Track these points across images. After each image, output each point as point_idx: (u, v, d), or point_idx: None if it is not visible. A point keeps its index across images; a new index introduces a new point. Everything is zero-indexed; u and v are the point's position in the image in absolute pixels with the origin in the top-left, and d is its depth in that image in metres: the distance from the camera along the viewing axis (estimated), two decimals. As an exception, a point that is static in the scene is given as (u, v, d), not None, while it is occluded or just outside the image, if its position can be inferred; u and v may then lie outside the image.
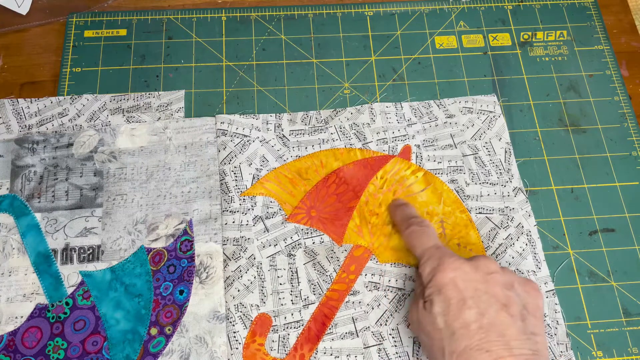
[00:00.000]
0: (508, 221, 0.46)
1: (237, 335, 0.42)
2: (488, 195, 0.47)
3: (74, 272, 0.43)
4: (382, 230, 0.46)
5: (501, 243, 0.46)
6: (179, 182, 0.46)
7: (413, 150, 0.49)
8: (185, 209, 0.45)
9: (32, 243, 0.44)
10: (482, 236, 0.46)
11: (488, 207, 0.47)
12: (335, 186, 0.47)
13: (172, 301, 0.42)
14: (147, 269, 0.43)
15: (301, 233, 0.45)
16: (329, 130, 0.49)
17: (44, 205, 0.45)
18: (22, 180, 0.46)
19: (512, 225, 0.46)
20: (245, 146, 0.48)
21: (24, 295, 0.42)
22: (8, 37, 0.53)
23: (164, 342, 0.41)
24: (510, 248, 0.45)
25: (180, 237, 0.44)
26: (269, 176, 0.47)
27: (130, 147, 0.47)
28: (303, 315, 0.43)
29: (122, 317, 0.42)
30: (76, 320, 0.42)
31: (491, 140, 0.50)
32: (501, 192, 0.48)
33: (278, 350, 0.42)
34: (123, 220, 0.45)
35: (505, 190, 0.48)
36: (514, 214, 0.47)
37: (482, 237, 0.46)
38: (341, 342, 0.42)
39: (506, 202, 0.47)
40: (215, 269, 0.43)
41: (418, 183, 0.48)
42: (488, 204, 0.47)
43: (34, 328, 0.41)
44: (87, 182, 0.46)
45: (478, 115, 0.50)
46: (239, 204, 0.46)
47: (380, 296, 0.44)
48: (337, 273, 0.44)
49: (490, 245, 0.46)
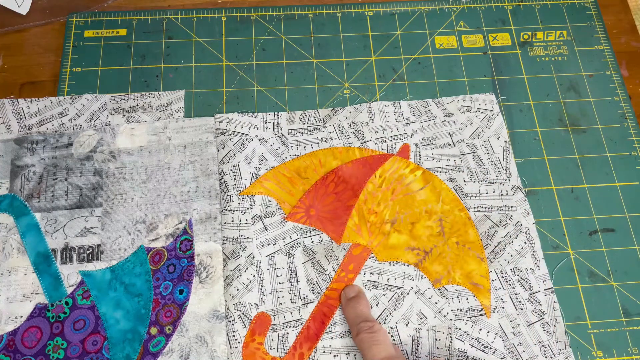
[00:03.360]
0: (507, 219, 0.46)
1: (236, 335, 0.42)
2: (487, 194, 0.47)
3: (74, 272, 0.43)
4: (380, 229, 0.46)
5: (500, 241, 0.46)
6: (179, 181, 0.46)
7: (412, 149, 0.49)
8: (185, 209, 0.45)
9: (32, 243, 0.44)
10: (481, 234, 0.46)
11: (487, 205, 0.47)
12: (334, 185, 0.47)
13: (172, 300, 0.42)
14: (147, 269, 0.43)
15: (300, 232, 0.45)
16: (328, 129, 0.49)
17: (44, 205, 0.45)
18: (22, 180, 0.46)
19: (511, 223, 0.46)
20: (244, 145, 0.48)
21: (23, 295, 0.42)
22: (8, 37, 0.53)
23: (164, 341, 0.41)
24: (509, 246, 0.45)
25: (179, 237, 0.44)
26: (267, 175, 0.47)
27: (130, 147, 0.47)
28: (302, 314, 0.43)
29: (122, 316, 0.42)
30: (76, 320, 0.42)
31: (489, 138, 0.50)
32: (500, 191, 0.48)
33: (277, 349, 0.42)
34: (123, 219, 0.45)
35: (504, 189, 0.48)
36: (512, 212, 0.47)
37: (481, 235, 0.46)
38: (340, 340, 0.42)
39: (505, 200, 0.47)
40: (214, 268, 0.44)
41: (417, 181, 0.48)
42: (487, 202, 0.47)
43: (34, 328, 0.41)
44: (87, 182, 0.46)
45: (476, 113, 0.51)
46: (237, 203, 0.46)
47: (379, 295, 0.44)
48: (336, 272, 0.44)
49: (489, 243, 0.46)
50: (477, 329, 0.43)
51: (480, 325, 0.43)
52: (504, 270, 0.45)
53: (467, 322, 0.43)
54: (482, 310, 0.43)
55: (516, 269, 0.45)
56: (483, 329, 0.43)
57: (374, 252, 0.45)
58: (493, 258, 0.45)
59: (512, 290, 0.44)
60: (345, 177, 0.47)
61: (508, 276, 0.44)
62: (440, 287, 0.44)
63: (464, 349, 0.42)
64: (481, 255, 0.45)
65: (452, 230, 0.46)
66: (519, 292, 0.44)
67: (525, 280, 0.44)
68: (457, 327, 0.43)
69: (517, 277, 0.44)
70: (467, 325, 0.43)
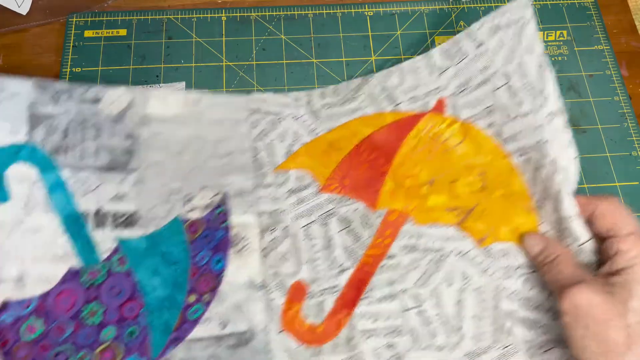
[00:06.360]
0: (543, 158, 0.42)
1: (274, 303, 0.42)
2: (523, 132, 0.43)
3: (109, 238, 0.41)
4: (417, 192, 0.44)
5: (544, 186, 0.41)
6: (214, 155, 0.45)
7: (446, 102, 0.46)
8: (220, 182, 0.45)
9: (59, 201, 0.41)
10: (528, 180, 0.42)
11: (527, 145, 0.43)
12: (367, 153, 0.46)
13: (209, 270, 0.42)
14: (183, 238, 0.42)
15: (335, 202, 0.45)
16: (359, 98, 0.48)
17: (72, 162, 0.42)
18: (44, 131, 0.43)
19: (547, 162, 0.41)
20: (278, 123, 0.48)
21: (53, 257, 0.40)
22: (8, 37, 0.53)
23: (202, 309, 0.41)
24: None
25: (215, 209, 0.44)
26: (301, 150, 0.47)
27: (163, 114, 0.46)
28: (339, 281, 0.42)
29: (159, 284, 0.41)
30: (112, 286, 0.40)
31: (523, 58, 0.44)
32: (534, 122, 0.42)
33: (315, 315, 0.41)
34: (158, 188, 0.44)
35: (538, 118, 0.42)
36: (548, 147, 0.41)
37: (527, 181, 0.42)
38: (378, 305, 0.41)
39: (538, 133, 0.42)
40: (250, 240, 0.43)
41: (454, 135, 0.45)
42: (525, 141, 0.43)
43: (67, 291, 0.40)
44: (119, 145, 0.44)
45: (505, 30, 0.45)
46: (272, 178, 0.46)
47: (418, 258, 0.42)
48: (372, 239, 0.43)
49: (536, 190, 0.42)
50: (528, 288, 0.40)
51: (531, 283, 0.40)
52: (552, 219, 0.41)
53: (517, 280, 0.41)
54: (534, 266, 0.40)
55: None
56: (535, 287, 0.40)
57: (411, 216, 0.44)
58: (542, 205, 0.41)
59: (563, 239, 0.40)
60: (377, 144, 0.46)
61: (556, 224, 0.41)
62: (486, 246, 0.42)
63: (513, 309, 0.40)
64: (529, 205, 0.42)
65: (496, 182, 0.43)
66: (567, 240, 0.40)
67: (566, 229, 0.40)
68: (504, 286, 0.41)
69: (564, 225, 0.40)
70: (517, 283, 0.40)
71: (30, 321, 0.39)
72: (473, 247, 0.42)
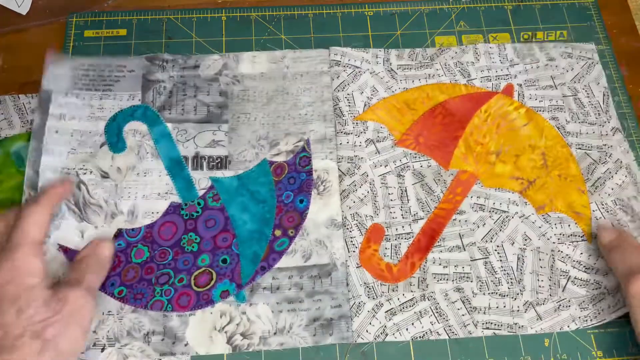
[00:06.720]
0: (606, 157, 0.49)
1: (353, 240, 0.46)
2: (587, 134, 0.50)
3: (204, 177, 0.47)
4: (486, 158, 0.49)
5: (600, 177, 0.48)
6: (297, 105, 0.50)
7: (515, 89, 0.52)
8: (303, 129, 0.49)
9: (165, 149, 0.48)
10: (582, 169, 0.49)
11: (587, 144, 0.50)
12: (441, 117, 0.50)
13: (293, 208, 0.46)
14: (270, 179, 0.47)
15: (409, 157, 0.49)
16: (435, 66, 0.52)
17: (175, 117, 0.49)
18: (154, 93, 0.50)
19: (611, 160, 0.49)
20: (357, 76, 0.52)
21: (158, 194, 0.46)
22: (8, 37, 0.53)
23: (288, 242, 0.45)
24: (609, 181, 0.48)
25: (299, 154, 0.48)
26: (379, 104, 0.51)
27: (252, 73, 0.51)
28: (413, 229, 0.46)
29: (249, 219, 0.46)
30: (207, 219, 0.46)
31: (590, 84, 0.52)
32: (599, 131, 0.50)
33: (391, 256, 0.45)
34: (247, 135, 0.49)
35: (604, 130, 0.50)
36: (612, 151, 0.49)
37: (582, 170, 0.49)
38: (449, 254, 0.46)
39: (604, 140, 0.50)
40: (331, 182, 0.48)
41: (520, 118, 0.50)
42: (587, 140, 0.50)
43: (169, 223, 0.46)
44: (214, 101, 0.50)
45: (577, 60, 0.53)
46: (352, 127, 0.49)
47: (485, 217, 0.47)
48: (444, 194, 0.48)
49: (590, 177, 0.48)
50: (579, 253, 0.46)
51: (581, 249, 0.46)
52: (605, 202, 0.48)
53: (569, 246, 0.46)
54: (584, 236, 0.46)
55: (617, 200, 0.48)
56: (584, 253, 0.46)
57: (480, 178, 0.48)
58: (594, 191, 0.48)
59: (613, 217, 0.47)
60: (452, 110, 0.51)
61: (609, 207, 0.47)
62: (544, 213, 0.47)
63: (566, 269, 0.45)
64: (582, 188, 0.48)
65: (555, 164, 0.49)
66: (621, 217, 0.47)
67: (628, 206, 0.47)
68: (559, 249, 0.46)
69: (619, 206, 0.47)
70: (569, 249, 0.46)
71: (138, 247, 0.45)
72: (533, 212, 0.47)
